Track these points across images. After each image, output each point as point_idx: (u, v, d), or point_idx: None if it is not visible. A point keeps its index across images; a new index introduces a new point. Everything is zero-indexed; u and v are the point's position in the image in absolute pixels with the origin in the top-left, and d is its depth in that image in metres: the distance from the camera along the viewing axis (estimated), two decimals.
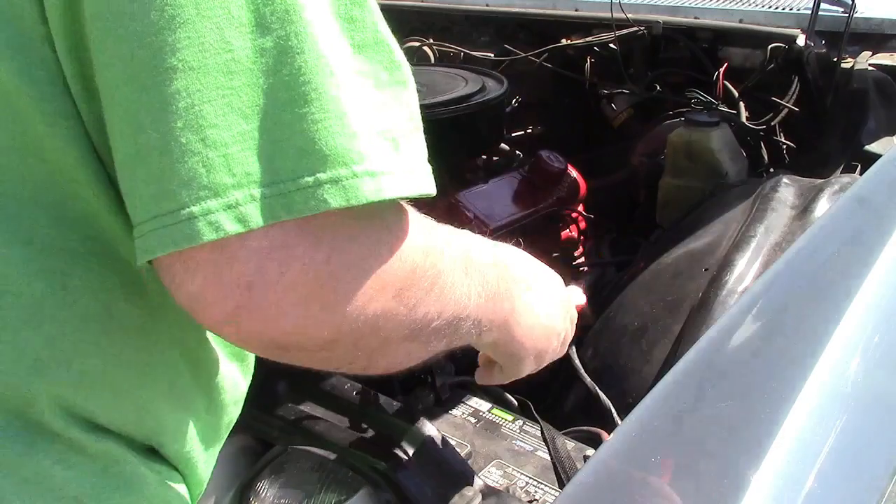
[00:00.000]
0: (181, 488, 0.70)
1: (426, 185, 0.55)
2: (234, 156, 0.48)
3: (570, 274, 1.67)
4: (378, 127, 0.52)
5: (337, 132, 0.50)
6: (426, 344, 0.62)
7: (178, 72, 0.48)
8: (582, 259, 1.77)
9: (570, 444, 1.07)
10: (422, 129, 0.57)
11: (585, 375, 1.24)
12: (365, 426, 1.00)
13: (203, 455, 0.72)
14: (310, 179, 0.49)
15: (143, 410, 0.64)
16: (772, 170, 1.73)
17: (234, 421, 0.77)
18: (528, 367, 0.85)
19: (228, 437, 0.79)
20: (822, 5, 1.72)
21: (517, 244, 0.92)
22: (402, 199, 0.54)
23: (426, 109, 0.63)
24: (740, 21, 1.88)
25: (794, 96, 1.74)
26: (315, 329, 0.53)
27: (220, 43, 0.48)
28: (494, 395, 1.22)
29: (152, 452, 0.67)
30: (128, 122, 0.49)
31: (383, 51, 0.55)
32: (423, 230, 0.59)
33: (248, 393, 0.78)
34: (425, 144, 0.57)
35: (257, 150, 0.49)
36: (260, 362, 0.78)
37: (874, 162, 1.40)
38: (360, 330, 0.54)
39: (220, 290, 0.50)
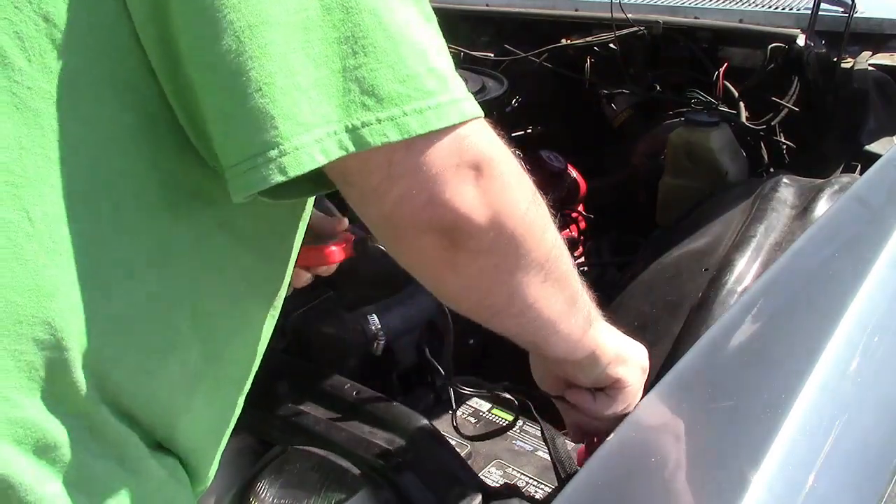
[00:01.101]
0: (185, 483, 0.70)
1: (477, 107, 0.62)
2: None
3: None
4: (429, 62, 0.59)
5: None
6: (553, 291, 0.71)
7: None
8: (582, 259, 1.77)
9: (570, 444, 1.07)
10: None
11: None
12: (365, 426, 1.00)
13: (209, 451, 0.73)
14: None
15: (157, 395, 0.65)
16: (772, 170, 1.72)
17: (237, 419, 0.77)
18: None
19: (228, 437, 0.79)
20: (822, 5, 1.72)
21: None
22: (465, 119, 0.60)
23: None
24: (740, 21, 1.88)
25: (794, 96, 1.73)
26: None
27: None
28: (494, 396, 1.21)
29: (160, 447, 0.67)
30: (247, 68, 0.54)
31: None
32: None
33: (247, 393, 0.78)
34: None
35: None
36: (260, 362, 0.78)
37: (874, 162, 1.40)
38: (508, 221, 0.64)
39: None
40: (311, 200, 0.77)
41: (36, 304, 0.56)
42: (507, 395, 1.21)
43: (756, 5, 1.93)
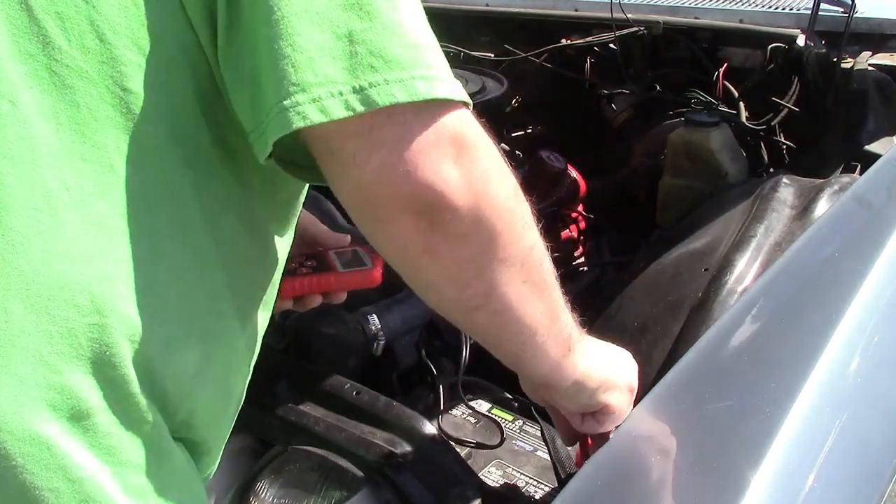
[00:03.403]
0: (196, 469, 0.71)
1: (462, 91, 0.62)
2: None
3: (569, 274, 1.67)
4: (426, 40, 0.61)
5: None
6: (532, 296, 0.70)
7: None
8: (582, 259, 1.77)
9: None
10: None
11: None
12: (365, 426, 1.00)
13: (216, 441, 0.74)
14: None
15: (184, 370, 0.66)
16: (772, 170, 1.72)
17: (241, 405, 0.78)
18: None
19: (228, 437, 0.79)
20: (822, 5, 1.72)
21: None
22: (454, 100, 0.61)
23: None
24: (740, 21, 1.88)
25: (794, 96, 1.73)
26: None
27: None
28: (494, 396, 1.22)
29: (177, 433, 0.68)
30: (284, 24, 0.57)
31: None
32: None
33: (247, 393, 0.78)
34: None
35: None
36: (259, 361, 0.79)
37: (874, 162, 1.40)
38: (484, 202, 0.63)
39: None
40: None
41: (77, 272, 0.58)
42: (508, 396, 1.22)
43: (756, 5, 1.93)
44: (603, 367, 0.83)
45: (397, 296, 1.23)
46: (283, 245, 0.77)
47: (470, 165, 0.62)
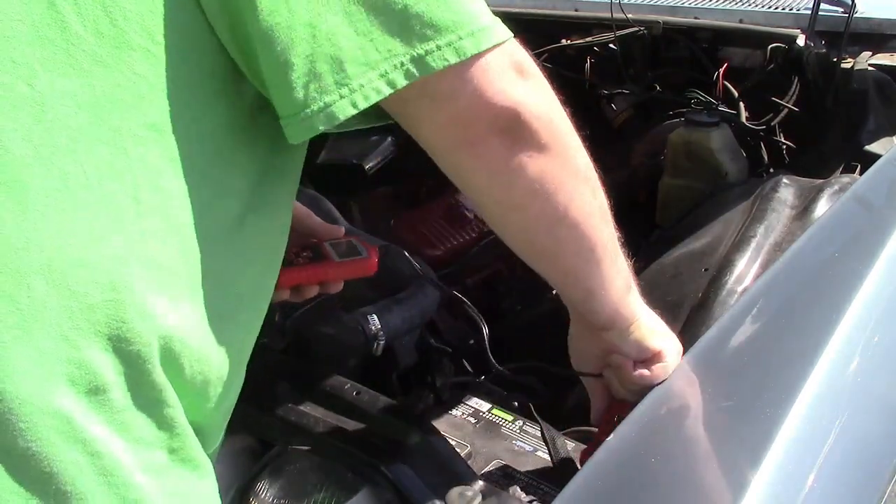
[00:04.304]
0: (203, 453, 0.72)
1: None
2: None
3: None
4: None
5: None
6: (600, 214, 0.81)
7: None
8: None
9: (570, 444, 1.07)
10: None
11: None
12: (365, 426, 1.00)
13: (216, 428, 0.75)
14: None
15: (199, 351, 0.67)
16: (772, 170, 1.72)
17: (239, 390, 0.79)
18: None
19: (228, 437, 0.79)
20: (822, 5, 1.72)
21: None
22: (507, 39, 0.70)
23: None
24: (740, 21, 1.88)
25: (794, 96, 1.73)
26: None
27: None
28: (494, 395, 1.22)
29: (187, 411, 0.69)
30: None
31: None
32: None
33: (247, 393, 0.78)
34: None
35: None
36: (259, 361, 0.79)
37: (874, 162, 1.40)
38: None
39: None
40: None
41: (95, 250, 0.60)
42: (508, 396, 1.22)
43: (756, 5, 1.93)
44: (654, 316, 0.91)
45: (397, 296, 1.23)
46: (285, 232, 0.78)
47: (535, 83, 0.72)
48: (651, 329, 0.90)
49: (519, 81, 0.71)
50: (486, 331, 1.11)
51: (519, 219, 0.79)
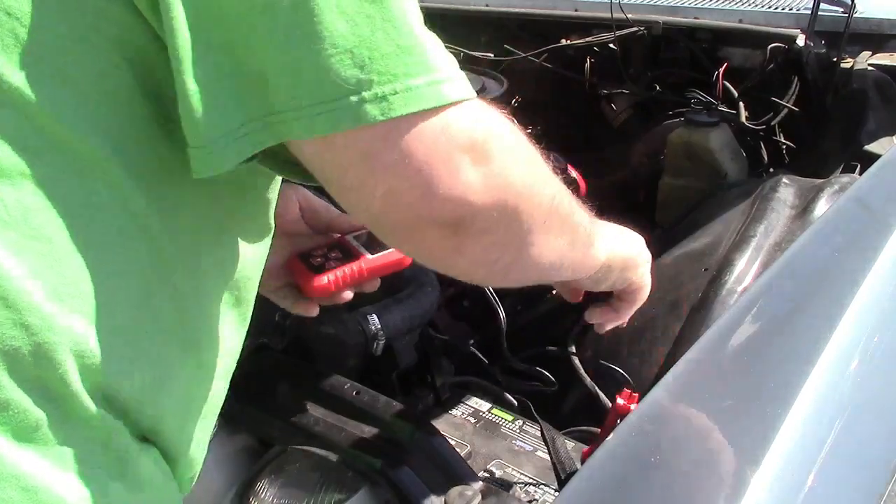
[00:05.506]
0: (170, 476, 0.69)
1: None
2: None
3: None
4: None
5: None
6: (555, 238, 0.72)
7: None
8: None
9: (570, 444, 1.07)
10: None
11: (585, 375, 1.24)
12: (365, 426, 1.00)
13: (191, 443, 0.72)
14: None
15: (142, 381, 0.64)
16: (772, 170, 1.73)
17: (224, 396, 0.76)
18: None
19: (228, 437, 0.79)
20: (822, 5, 1.72)
21: None
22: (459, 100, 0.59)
23: None
24: (740, 21, 1.88)
25: (794, 96, 1.73)
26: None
27: None
28: (494, 395, 1.22)
29: (145, 439, 0.66)
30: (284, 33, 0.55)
31: None
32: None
33: (247, 393, 0.78)
34: None
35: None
36: (259, 361, 0.78)
37: (874, 162, 1.40)
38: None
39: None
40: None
41: (23, 289, 0.56)
42: (508, 396, 1.22)
43: (756, 5, 1.93)
44: (620, 246, 0.88)
45: (397, 295, 1.23)
46: (257, 251, 0.75)
47: (487, 165, 0.60)
48: (619, 266, 0.88)
49: (467, 167, 0.59)
50: (503, 316, 1.12)
51: (465, 280, 0.75)
